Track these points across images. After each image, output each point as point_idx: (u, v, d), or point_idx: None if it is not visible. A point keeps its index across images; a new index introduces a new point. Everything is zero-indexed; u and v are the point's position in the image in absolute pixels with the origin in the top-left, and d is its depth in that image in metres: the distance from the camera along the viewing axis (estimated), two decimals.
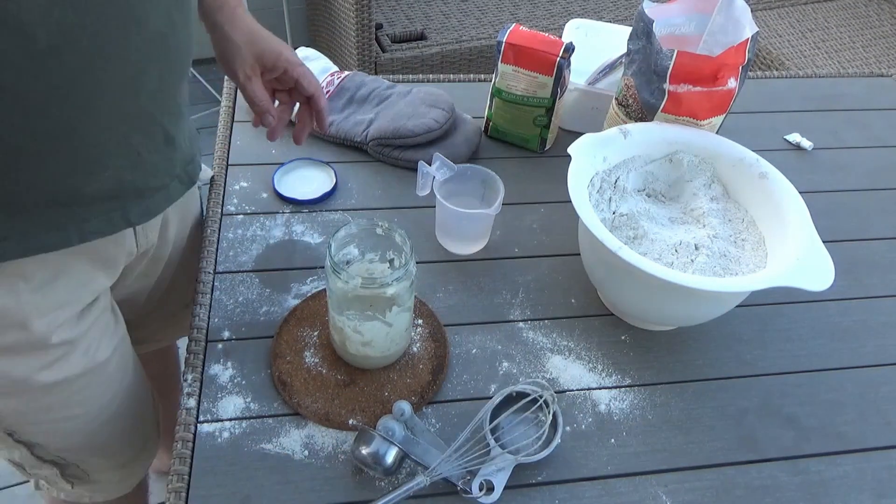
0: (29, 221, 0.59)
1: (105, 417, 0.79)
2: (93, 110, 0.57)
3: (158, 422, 0.96)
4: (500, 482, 0.64)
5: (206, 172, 0.93)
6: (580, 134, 0.82)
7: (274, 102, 0.82)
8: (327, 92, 1.02)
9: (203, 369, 0.72)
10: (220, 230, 0.87)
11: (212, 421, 0.68)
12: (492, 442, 0.65)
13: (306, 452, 0.67)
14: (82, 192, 0.61)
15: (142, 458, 0.91)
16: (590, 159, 0.79)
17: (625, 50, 0.91)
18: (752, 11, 0.86)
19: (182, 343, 1.29)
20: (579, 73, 1.06)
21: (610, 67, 1.08)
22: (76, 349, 0.71)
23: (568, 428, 0.71)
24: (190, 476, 0.64)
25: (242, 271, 0.82)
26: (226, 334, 0.76)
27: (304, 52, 1.07)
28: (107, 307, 0.76)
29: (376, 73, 1.88)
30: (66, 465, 0.82)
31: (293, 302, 0.79)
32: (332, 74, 1.04)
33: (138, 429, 0.88)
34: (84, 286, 0.70)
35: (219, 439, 0.67)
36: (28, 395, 0.70)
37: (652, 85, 0.85)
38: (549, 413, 0.67)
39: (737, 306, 0.77)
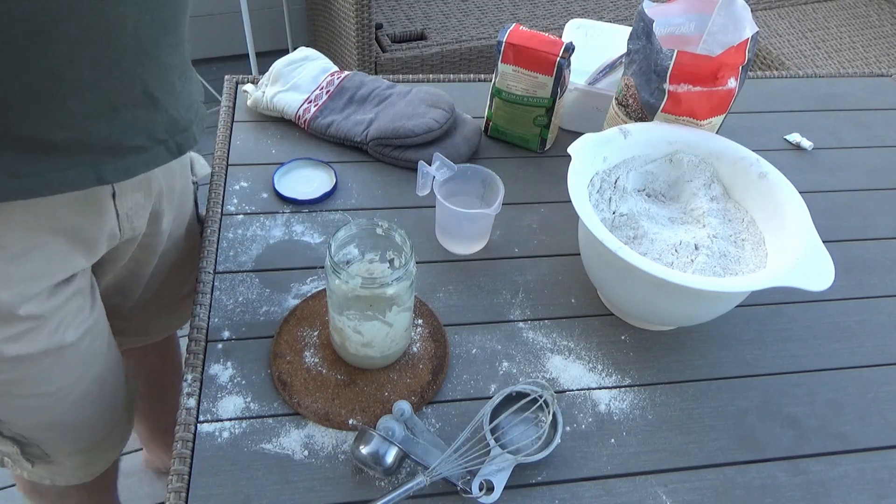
0: None
1: (70, 401, 0.79)
2: (57, 43, 0.54)
3: (131, 414, 0.95)
4: (500, 482, 0.64)
5: (203, 168, 0.93)
6: (580, 134, 0.82)
7: None
8: (327, 92, 1.02)
9: (203, 369, 0.72)
10: (220, 230, 0.87)
11: (212, 421, 0.68)
12: (492, 442, 0.65)
13: (306, 452, 0.67)
14: (50, 138, 0.59)
15: (106, 447, 0.91)
16: (590, 159, 0.79)
17: (625, 50, 0.91)
18: (752, 11, 0.86)
19: (182, 342, 1.29)
20: (579, 73, 1.06)
21: (610, 67, 1.08)
22: (44, 326, 0.70)
23: (568, 428, 0.71)
24: (190, 476, 0.64)
25: (242, 271, 0.82)
26: (226, 334, 0.76)
27: (304, 52, 1.07)
28: (82, 290, 0.75)
29: (376, 73, 1.88)
30: (26, 443, 0.82)
31: (293, 302, 0.79)
32: (332, 74, 1.05)
33: (104, 417, 0.87)
34: (58, 263, 0.69)
35: (219, 439, 0.67)
36: None
37: (652, 85, 0.85)
38: (549, 413, 0.67)
39: (737, 306, 0.77)
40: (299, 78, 1.03)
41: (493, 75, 0.99)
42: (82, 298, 0.75)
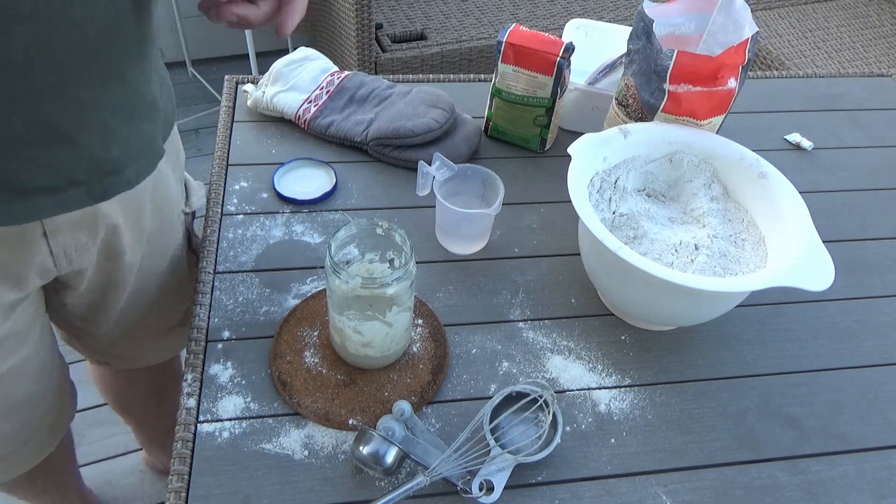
0: None
1: None
2: None
3: (61, 423, 0.93)
4: (500, 482, 0.64)
5: (200, 200, 0.90)
6: (580, 134, 0.82)
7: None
8: (327, 92, 1.02)
9: (203, 369, 0.72)
10: (220, 230, 0.87)
11: (212, 421, 0.68)
12: (492, 442, 0.65)
13: (306, 452, 0.67)
14: None
15: (22, 454, 0.89)
16: (590, 159, 0.79)
17: (625, 50, 0.91)
18: (752, 11, 0.86)
19: None
20: (579, 73, 1.06)
21: (610, 67, 1.08)
22: None
23: (568, 428, 0.71)
24: (190, 476, 0.64)
25: (242, 271, 0.82)
26: (226, 334, 0.76)
27: (303, 52, 1.07)
28: (14, 331, 0.72)
29: (376, 73, 1.88)
30: None
31: (293, 302, 0.79)
32: (332, 74, 1.05)
33: (21, 433, 0.86)
34: None
35: (219, 439, 0.67)
36: None
37: (652, 85, 0.85)
38: (549, 413, 0.67)
39: (737, 306, 0.77)
40: (299, 78, 1.03)
41: (493, 75, 0.99)
42: (16, 338, 0.73)
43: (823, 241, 0.71)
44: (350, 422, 0.69)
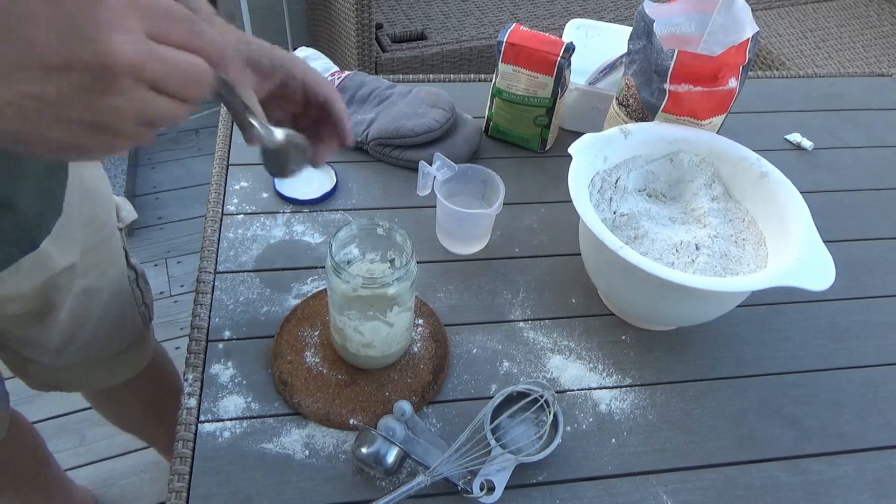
0: None
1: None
2: None
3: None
4: (500, 482, 0.64)
5: (130, 214, 0.89)
6: (580, 134, 0.82)
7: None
8: None
9: (203, 369, 0.72)
10: (220, 230, 0.87)
11: (212, 421, 0.68)
12: (492, 442, 0.65)
13: (307, 452, 0.67)
14: None
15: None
16: (590, 159, 0.79)
17: (625, 50, 0.91)
18: (752, 11, 0.86)
19: (183, 343, 1.29)
20: (579, 73, 1.06)
21: (610, 67, 1.08)
22: None
23: (568, 428, 0.71)
24: (190, 476, 0.64)
25: (243, 271, 0.82)
26: (226, 334, 0.76)
27: (303, 52, 1.07)
28: None
29: (376, 73, 1.88)
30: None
31: (293, 302, 0.79)
32: (332, 74, 1.05)
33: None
34: None
35: (219, 439, 0.67)
36: None
37: (652, 85, 0.85)
38: (549, 413, 0.67)
39: (737, 306, 0.77)
40: None
41: (494, 75, 0.99)
42: None
43: (824, 241, 0.71)
44: (351, 422, 0.69)
